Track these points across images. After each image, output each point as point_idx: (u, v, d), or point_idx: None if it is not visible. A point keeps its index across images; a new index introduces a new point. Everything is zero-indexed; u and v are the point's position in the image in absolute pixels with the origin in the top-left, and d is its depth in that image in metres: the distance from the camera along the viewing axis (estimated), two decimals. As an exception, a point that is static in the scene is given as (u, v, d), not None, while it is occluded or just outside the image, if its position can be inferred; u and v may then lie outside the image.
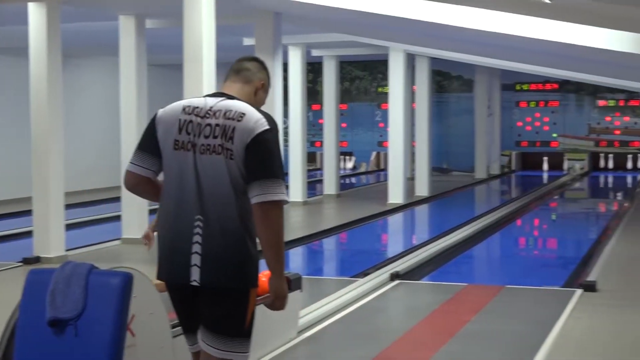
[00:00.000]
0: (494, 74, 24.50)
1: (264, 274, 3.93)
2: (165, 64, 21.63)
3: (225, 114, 3.52)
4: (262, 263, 3.59)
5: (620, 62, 10.65)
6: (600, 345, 6.44)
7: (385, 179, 18.18)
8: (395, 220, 15.29)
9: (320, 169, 24.10)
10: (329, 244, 12.67)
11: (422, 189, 18.42)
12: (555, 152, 25.09)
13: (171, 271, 3.61)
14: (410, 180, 19.19)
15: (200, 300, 3.56)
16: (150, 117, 3.76)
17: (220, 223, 3.49)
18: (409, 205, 16.73)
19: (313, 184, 20.51)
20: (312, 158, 25.99)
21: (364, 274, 9.08)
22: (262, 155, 3.46)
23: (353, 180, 23.68)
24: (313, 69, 25.27)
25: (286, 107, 15.85)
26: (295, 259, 11.47)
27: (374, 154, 26.25)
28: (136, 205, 11.69)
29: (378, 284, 8.62)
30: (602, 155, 24.74)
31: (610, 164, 24.57)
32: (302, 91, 17.31)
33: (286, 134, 17.85)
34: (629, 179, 23.04)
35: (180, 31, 9.99)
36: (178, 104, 3.66)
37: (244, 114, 3.49)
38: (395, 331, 6.90)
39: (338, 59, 19.07)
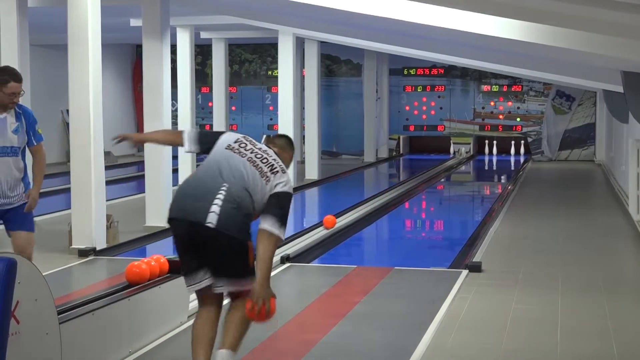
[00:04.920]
0: (382, 59, 24.76)
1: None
2: (49, 44, 21.05)
3: (275, 159, 4.94)
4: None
5: (506, 48, 10.90)
6: (482, 323, 6.62)
7: (275, 163, 18.19)
8: (286, 204, 15.30)
9: (210, 152, 23.93)
10: (219, 227, 12.59)
11: (312, 172, 18.51)
12: (441, 136, 25.56)
13: (189, 211, 4.69)
14: (300, 163, 19.26)
15: (210, 247, 4.68)
16: (34, 98, 3.72)
17: (237, 200, 4.69)
18: (299, 188, 16.78)
19: (203, 167, 20.33)
20: (201, 141, 25.79)
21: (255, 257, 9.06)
22: (283, 204, 4.81)
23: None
24: (202, 52, 25.02)
25: (175, 89, 15.63)
26: (185, 243, 11.37)
27: (264, 137, 26.17)
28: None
29: (268, 267, 8.62)
30: (486, 139, 25.34)
31: (495, 148, 25.20)
32: (190, 74, 17.13)
33: (175, 116, 17.63)
34: (512, 163, 23.71)
35: (64, 10, 9.73)
36: (233, 135, 5.06)
37: (285, 171, 4.93)
38: (285, 314, 6.92)
39: (227, 42, 18.97)
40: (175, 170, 14.25)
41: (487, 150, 25.27)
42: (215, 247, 4.66)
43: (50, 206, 13.35)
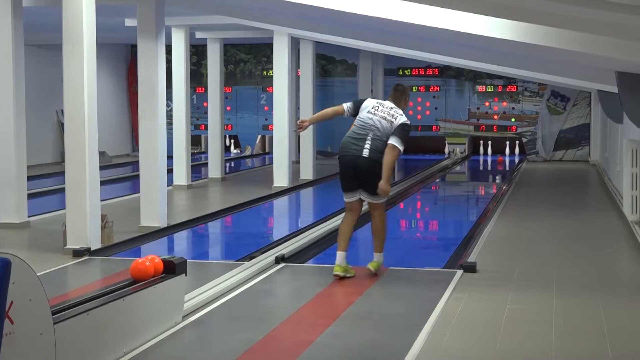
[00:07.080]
0: (377, 59, 24.77)
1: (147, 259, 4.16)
2: (44, 44, 21.02)
3: (395, 111, 8.29)
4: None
5: (500, 48, 10.91)
6: (477, 323, 6.63)
7: (271, 163, 18.20)
8: (281, 204, 15.33)
9: (205, 152, 23.91)
10: (214, 227, 12.60)
11: (307, 173, 18.51)
12: (436, 136, 25.58)
13: (353, 150, 8.12)
14: (295, 163, 19.25)
15: (361, 169, 8.07)
16: (29, 98, 3.70)
17: (377, 145, 8.09)
18: (294, 188, 16.79)
19: (198, 167, 20.35)
20: (196, 141, 25.79)
21: (250, 257, 9.07)
22: (402, 128, 8.19)
23: (238, 163, 23.60)
24: (197, 52, 25.01)
25: (170, 89, 15.63)
26: (180, 243, 11.37)
27: (259, 137, 26.22)
28: (14, 189, 11.38)
29: (263, 267, 8.63)
30: (481, 139, 25.35)
31: (490, 148, 25.21)
32: (185, 74, 17.12)
33: (170, 117, 17.63)
34: (507, 163, 23.73)
35: (59, 10, 9.72)
36: (371, 101, 8.51)
37: (401, 114, 8.31)
38: (280, 314, 6.93)
39: (222, 42, 18.94)
40: (170, 171, 14.25)
41: (482, 150, 25.30)
42: (365, 169, 8.00)
43: (44, 206, 13.34)
